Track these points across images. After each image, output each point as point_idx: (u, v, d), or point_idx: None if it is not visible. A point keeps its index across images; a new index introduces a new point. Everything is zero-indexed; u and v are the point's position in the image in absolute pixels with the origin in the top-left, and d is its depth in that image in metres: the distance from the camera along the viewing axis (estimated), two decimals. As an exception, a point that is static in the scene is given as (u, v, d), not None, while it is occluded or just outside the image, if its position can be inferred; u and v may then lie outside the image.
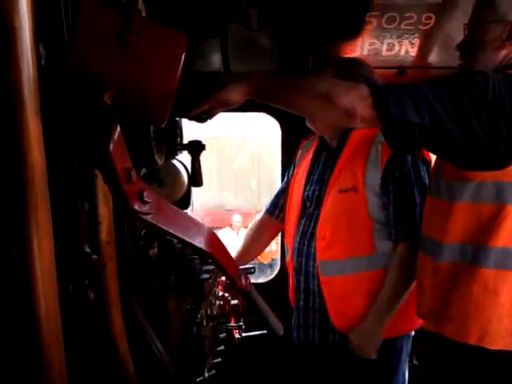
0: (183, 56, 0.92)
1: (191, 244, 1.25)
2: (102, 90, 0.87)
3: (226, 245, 1.46)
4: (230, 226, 8.91)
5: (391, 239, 1.99)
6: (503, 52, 1.63)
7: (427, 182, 1.99)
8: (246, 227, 2.71)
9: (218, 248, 1.36)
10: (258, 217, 2.48)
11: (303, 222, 2.16)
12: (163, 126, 1.04)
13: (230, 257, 1.51)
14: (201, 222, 1.39)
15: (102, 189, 1.26)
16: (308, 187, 2.19)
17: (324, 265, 2.05)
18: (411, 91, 1.46)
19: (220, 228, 8.80)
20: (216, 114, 1.49)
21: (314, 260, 2.07)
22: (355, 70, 2.05)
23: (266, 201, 2.55)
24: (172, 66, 0.91)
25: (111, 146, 0.94)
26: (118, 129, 0.95)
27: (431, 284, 1.69)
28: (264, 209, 2.47)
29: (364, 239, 2.00)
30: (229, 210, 10.06)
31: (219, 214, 10.08)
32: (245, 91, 1.45)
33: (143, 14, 1.51)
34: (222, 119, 1.81)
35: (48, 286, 0.97)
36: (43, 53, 1.10)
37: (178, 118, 1.61)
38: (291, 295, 2.28)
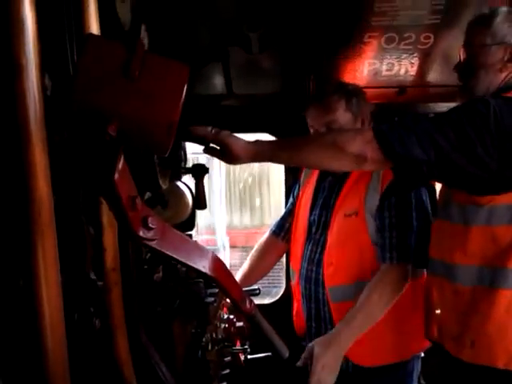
0: (185, 87, 0.94)
1: (195, 269, 1.26)
2: (106, 122, 0.88)
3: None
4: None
5: (385, 263, 1.93)
6: (504, 73, 1.65)
7: (429, 206, 1.98)
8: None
9: (221, 272, 1.36)
10: (264, 238, 2.47)
11: (310, 247, 2.14)
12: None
13: (234, 280, 1.51)
14: (204, 246, 1.40)
15: (107, 216, 1.28)
16: (314, 211, 2.17)
17: (333, 291, 2.03)
18: (414, 129, 1.48)
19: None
20: None
21: (323, 287, 2.05)
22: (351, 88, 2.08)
23: (271, 220, 2.54)
24: (174, 98, 0.93)
25: (116, 176, 0.95)
26: (122, 159, 0.97)
27: (447, 308, 1.67)
28: (269, 230, 2.46)
29: (369, 263, 1.99)
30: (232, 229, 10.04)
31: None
32: (250, 159, 1.54)
33: (146, 41, 1.55)
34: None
35: (54, 315, 0.98)
36: (49, 84, 1.12)
37: (181, 142, 1.63)
38: (295, 318, 2.25)
